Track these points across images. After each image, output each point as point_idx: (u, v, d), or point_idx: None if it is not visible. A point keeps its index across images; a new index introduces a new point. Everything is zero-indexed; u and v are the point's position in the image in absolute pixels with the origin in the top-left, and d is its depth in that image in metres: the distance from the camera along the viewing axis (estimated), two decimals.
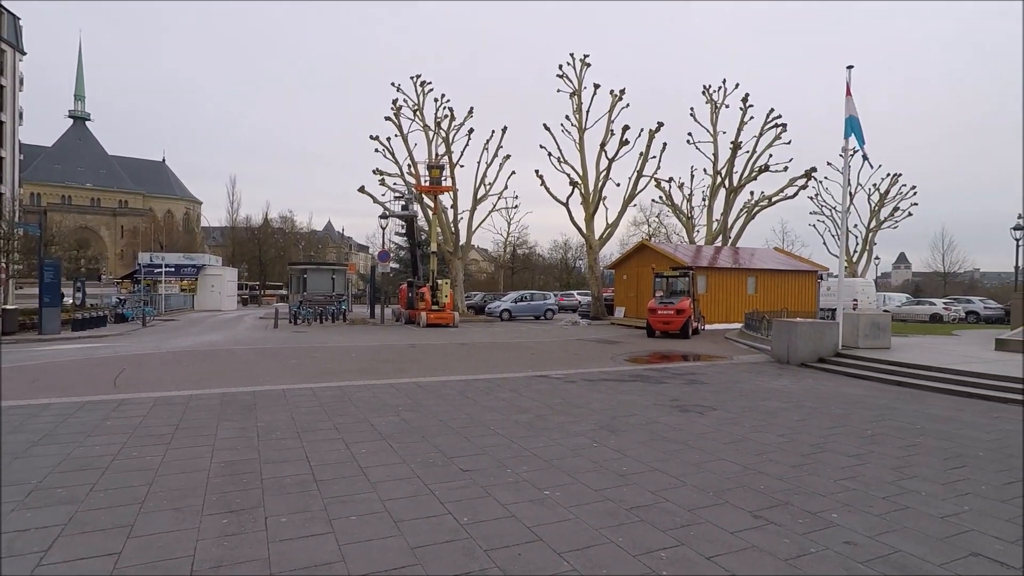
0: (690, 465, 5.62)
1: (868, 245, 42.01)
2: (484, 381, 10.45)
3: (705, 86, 35.79)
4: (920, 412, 8.28)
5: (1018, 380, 9.57)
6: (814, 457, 5.98)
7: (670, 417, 7.69)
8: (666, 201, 38.71)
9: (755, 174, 33.84)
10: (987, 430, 7.24)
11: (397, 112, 32.87)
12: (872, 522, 4.33)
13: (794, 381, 10.98)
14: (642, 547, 3.81)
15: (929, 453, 6.20)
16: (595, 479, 5.15)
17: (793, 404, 8.75)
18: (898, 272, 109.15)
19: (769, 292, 28.22)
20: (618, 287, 32.12)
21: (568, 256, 66.63)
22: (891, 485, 5.17)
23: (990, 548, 3.93)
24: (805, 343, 13.21)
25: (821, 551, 3.82)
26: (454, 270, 33.93)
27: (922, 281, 71.49)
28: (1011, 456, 6.12)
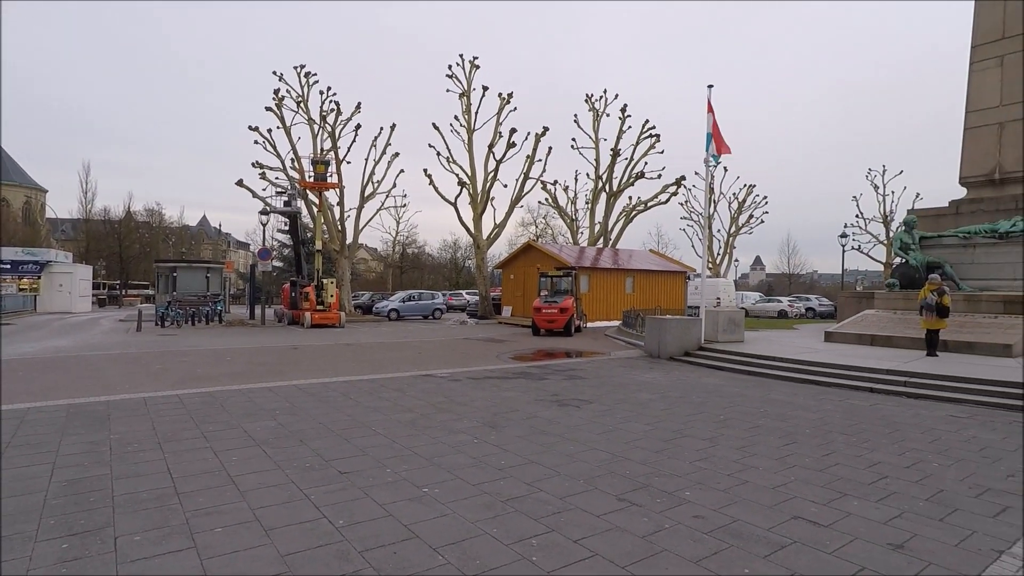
0: (565, 456, 5.94)
1: (729, 248, 46.27)
2: (368, 382, 10.27)
3: (588, 95, 37.55)
4: (764, 398, 9.34)
5: (839, 367, 11.09)
6: (674, 443, 6.56)
7: (549, 411, 8.05)
8: (552, 203, 40.07)
9: (633, 180, 36.01)
10: (814, 411, 8.34)
11: (279, 103, 31.11)
12: (718, 497, 4.86)
13: (663, 374, 11.90)
14: (515, 536, 4.00)
15: (768, 433, 7.02)
16: (474, 474, 5.30)
17: (660, 395, 9.49)
18: (754, 273, 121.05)
19: (645, 291, 30.19)
20: (505, 286, 32.78)
21: (457, 256, 66.84)
22: (735, 463, 5.81)
23: (808, 511, 4.57)
24: (673, 338, 14.34)
25: (674, 526, 4.23)
26: (341, 269, 32.80)
27: (773, 281, 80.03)
28: (829, 432, 7.10)
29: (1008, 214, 15.72)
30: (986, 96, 16.44)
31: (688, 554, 3.77)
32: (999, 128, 16.22)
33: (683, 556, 3.74)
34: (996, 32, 16.33)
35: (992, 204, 16.21)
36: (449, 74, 32.27)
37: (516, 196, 33.12)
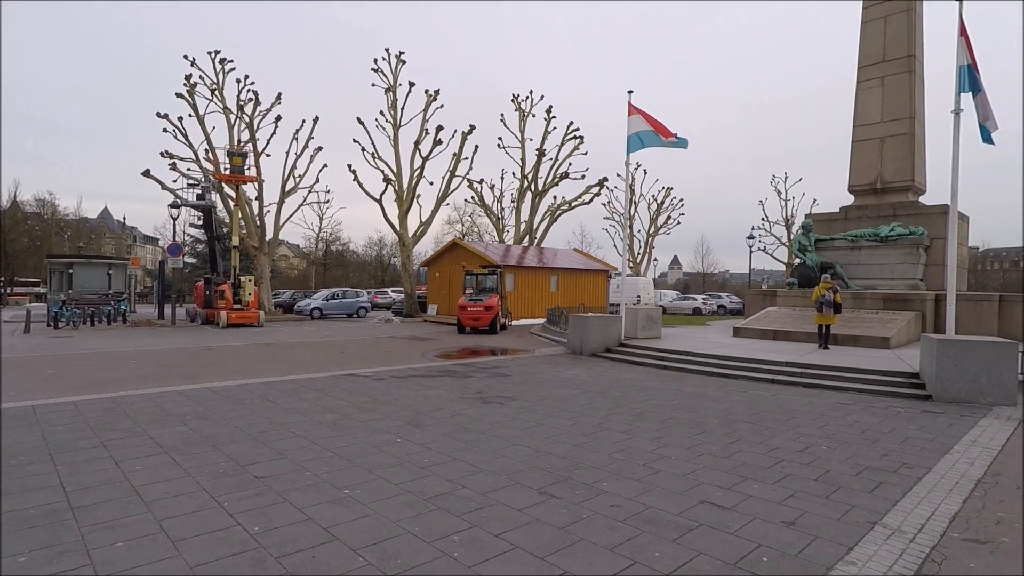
0: (488, 453, 6.03)
1: (649, 248, 48.21)
2: (288, 383, 9.94)
3: (514, 95, 37.90)
4: (678, 390, 9.86)
5: (745, 360, 11.88)
6: (594, 436, 6.81)
7: (473, 409, 8.12)
8: (478, 202, 40.18)
9: (557, 180, 36.73)
10: (722, 402, 8.91)
11: (191, 89, 29.23)
12: (632, 486, 5.11)
13: (585, 370, 12.27)
14: (437, 533, 4.04)
15: (680, 424, 7.43)
16: (396, 473, 5.29)
17: (582, 391, 9.80)
18: (672, 272, 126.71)
19: (569, 289, 30.89)
20: (431, 285, 32.54)
21: (383, 253, 65.62)
22: (650, 453, 6.12)
23: (714, 495, 4.90)
24: (595, 335, 14.81)
25: (591, 516, 4.42)
26: (260, 266, 31.31)
27: (689, 280, 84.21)
28: (735, 421, 7.61)
29: (887, 220, 17.46)
30: (870, 113, 18.13)
31: (604, 542, 3.96)
32: (880, 142, 17.94)
33: (599, 544, 3.92)
34: (878, 56, 18.04)
35: (874, 211, 17.92)
36: (375, 68, 31.60)
37: (442, 194, 32.95)
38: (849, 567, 3.68)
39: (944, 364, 8.98)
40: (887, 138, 17.74)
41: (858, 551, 3.91)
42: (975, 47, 9.95)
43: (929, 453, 6.29)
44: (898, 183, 17.69)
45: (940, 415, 8.18)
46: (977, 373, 8.81)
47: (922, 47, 18.29)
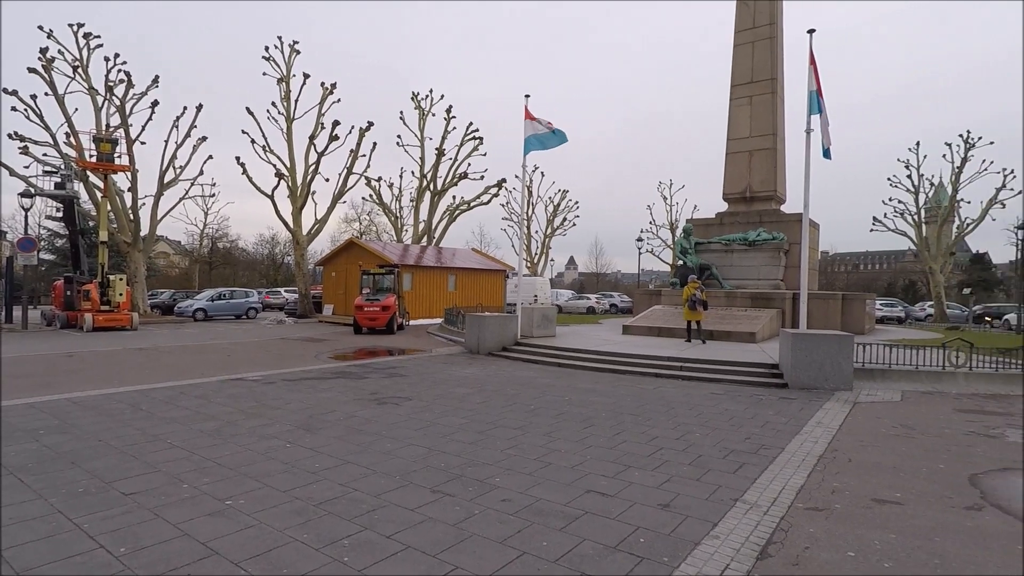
0: (382, 454, 5.99)
1: (546, 249, 49.57)
2: (165, 390, 9.21)
3: (414, 93, 37.43)
4: (570, 386, 10.29)
5: (632, 356, 12.64)
6: (488, 433, 6.96)
7: (368, 410, 8.00)
8: (376, 200, 39.28)
9: (456, 180, 36.78)
10: (610, 396, 9.43)
11: (48, 64, 25.91)
12: (524, 480, 5.30)
13: (481, 368, 12.44)
14: (327, 539, 3.97)
15: (571, 419, 7.78)
16: (285, 480, 5.11)
17: (478, 389, 9.94)
18: (568, 272, 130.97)
19: (467, 289, 31.05)
20: (327, 284, 31.38)
21: (276, 251, 62.20)
22: (541, 448, 6.37)
23: (599, 484, 5.21)
24: (492, 334, 15.05)
25: (483, 511, 4.54)
26: (133, 263, 28.48)
27: (584, 280, 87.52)
28: (621, 414, 8.10)
29: (755, 226, 19.34)
30: (741, 127, 19.95)
31: (495, 535, 4.09)
32: (749, 155, 19.81)
33: (490, 538, 4.05)
34: (747, 76, 19.91)
35: (744, 217, 19.75)
36: (266, 56, 29.88)
37: (339, 191, 31.87)
38: (714, 541, 4.08)
39: (797, 355, 10.13)
40: (755, 152, 19.62)
41: (722, 526, 4.35)
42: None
43: (783, 435, 7.07)
44: (763, 193, 19.62)
45: (794, 400, 9.21)
46: (823, 362, 10.02)
47: (783, 72, 20.40)
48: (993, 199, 35.90)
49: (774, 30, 19.62)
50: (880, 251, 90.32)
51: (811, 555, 3.90)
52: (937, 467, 5.92)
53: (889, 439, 7.00)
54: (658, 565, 3.69)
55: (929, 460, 6.16)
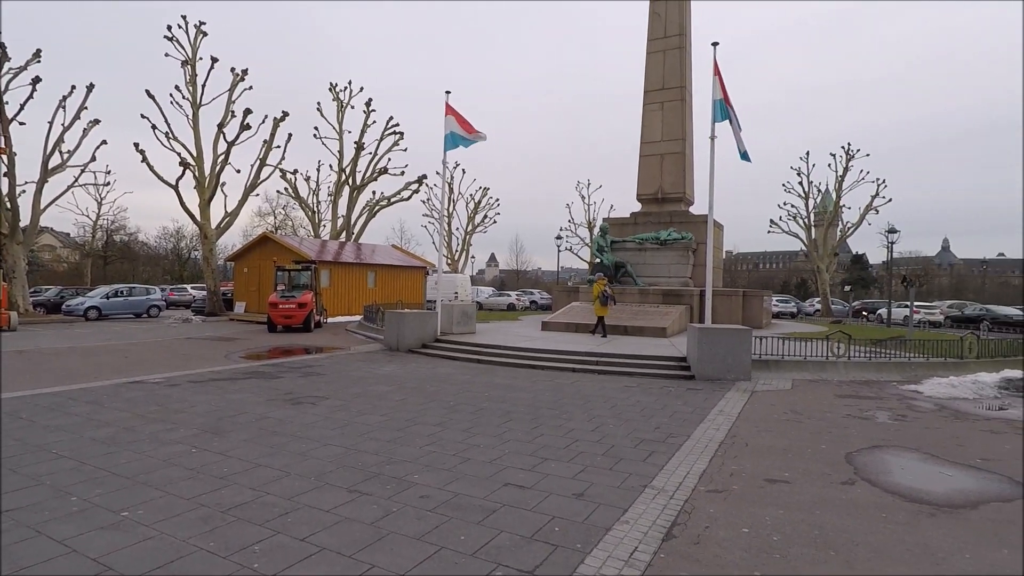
0: (296, 455, 5.82)
1: (467, 246, 49.53)
2: (51, 395, 8.44)
3: (332, 84, 36.22)
4: (490, 382, 10.41)
5: (551, 352, 12.95)
6: (407, 430, 6.93)
7: (282, 411, 7.72)
8: (292, 193, 37.70)
9: (376, 175, 35.99)
10: (529, 391, 9.63)
11: None
12: (443, 476, 5.34)
13: (400, 366, 12.31)
14: (236, 546, 3.83)
15: (490, 414, 7.89)
16: (190, 487, 4.86)
17: (397, 386, 9.84)
18: (490, 269, 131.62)
19: (387, 286, 30.50)
20: (238, 281, 29.77)
21: (181, 246, 58.18)
22: (460, 443, 6.42)
23: (517, 477, 5.33)
24: (412, 331, 14.91)
25: (401, 508, 4.54)
26: (11, 257, 25.61)
27: (505, 277, 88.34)
28: (539, 408, 8.30)
29: (666, 226, 20.36)
30: (653, 132, 20.91)
31: (412, 532, 4.10)
32: (661, 158, 20.82)
33: (408, 535, 4.06)
34: (659, 84, 20.89)
35: (657, 217, 20.74)
36: (169, 36, 27.78)
37: (251, 183, 30.23)
38: (624, 526, 4.31)
39: (703, 349, 10.79)
40: (666, 155, 20.63)
41: (632, 511, 4.59)
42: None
43: (689, 423, 7.53)
44: (674, 194, 20.67)
45: (700, 391, 9.81)
46: (725, 355, 10.74)
47: (691, 79, 21.55)
48: (869, 205, 39.98)
49: (683, 41, 20.68)
50: (777, 251, 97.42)
51: (710, 534, 4.21)
52: (820, 448, 6.54)
53: (781, 424, 7.64)
54: (571, 552, 3.85)
55: (813, 442, 6.78)
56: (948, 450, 6.57)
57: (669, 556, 3.85)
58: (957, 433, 7.41)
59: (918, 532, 4.32)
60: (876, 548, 4.03)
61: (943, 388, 10.03)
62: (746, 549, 3.97)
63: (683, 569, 3.67)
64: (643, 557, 3.82)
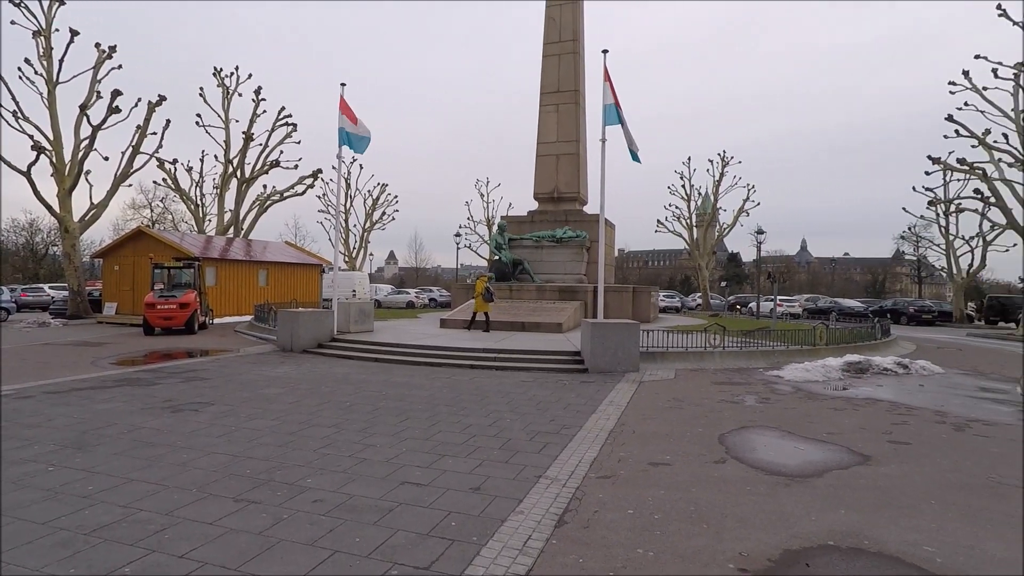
0: (175, 467, 5.44)
1: (364, 243, 48.20)
2: None
3: (217, 68, 33.72)
4: (386, 381, 10.28)
5: (449, 349, 13.01)
6: (300, 433, 6.70)
7: (159, 420, 7.16)
8: (171, 185, 34.73)
9: (267, 168, 34.05)
10: (427, 389, 9.62)
11: None
12: (338, 478, 5.23)
13: (294, 367, 11.81)
14: (101, 570, 3.53)
15: (387, 413, 7.80)
16: (45, 510, 4.40)
17: (290, 388, 9.45)
18: (389, 267, 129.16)
19: (280, 284, 29.02)
20: (108, 279, 26.92)
21: (37, 241, 51.61)
22: (356, 444, 6.31)
23: (414, 475, 5.34)
24: (306, 331, 14.35)
25: (293, 515, 4.40)
26: None
27: (404, 275, 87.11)
28: (437, 405, 8.33)
29: (562, 224, 21.10)
30: (549, 132, 21.58)
31: (304, 538, 4.00)
32: (556, 159, 21.53)
33: (300, 541, 3.94)
34: (554, 86, 21.59)
35: (553, 216, 21.43)
36: (15, 1, 24.46)
37: (122, 172, 27.36)
38: (519, 516, 4.46)
39: (595, 343, 11.34)
40: (561, 156, 21.35)
41: (526, 501, 4.76)
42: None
43: (582, 415, 7.89)
44: (569, 194, 21.45)
45: (592, 383, 10.30)
46: (615, 348, 11.36)
47: (585, 84, 22.43)
48: (741, 208, 43.85)
49: (577, 46, 21.47)
50: (664, 250, 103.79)
51: (599, 517, 4.48)
52: (697, 431, 7.12)
53: (664, 411, 8.22)
54: (467, 545, 3.94)
55: (692, 426, 7.37)
56: (801, 427, 7.41)
57: (561, 541, 4.04)
58: (809, 412, 8.36)
59: (775, 500, 4.85)
60: (741, 518, 4.48)
61: (799, 372, 11.26)
62: (631, 529, 4.26)
63: (574, 552, 3.88)
64: (536, 544, 3.98)
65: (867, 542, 4.09)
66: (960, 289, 39.47)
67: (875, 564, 3.78)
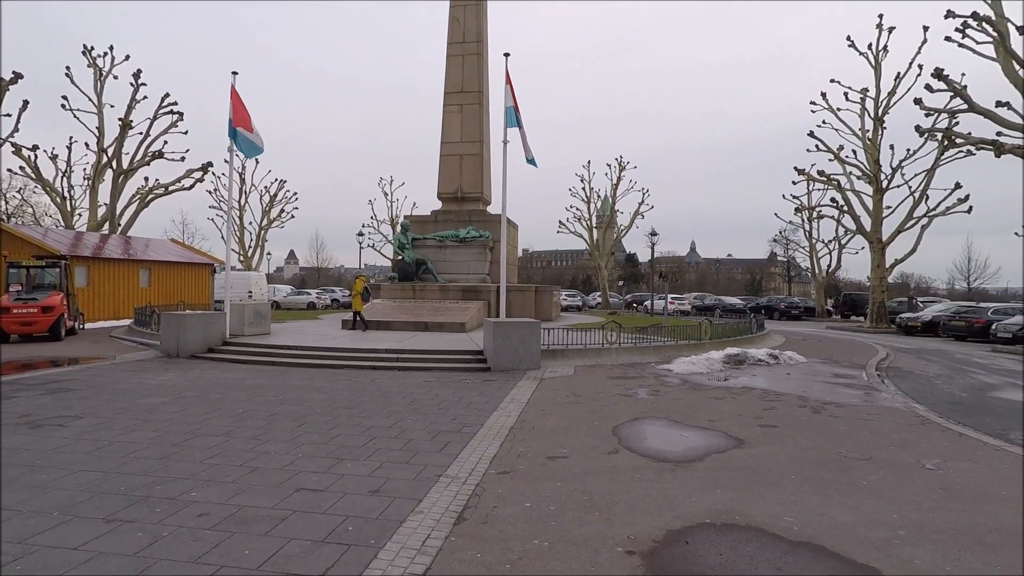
0: (33, 489, 4.92)
1: (261, 241, 45.68)
2: None
3: (87, 47, 30.52)
4: (284, 385, 9.86)
5: (350, 350, 12.69)
6: (185, 445, 6.28)
7: (14, 439, 6.42)
8: (31, 174, 31.02)
9: (148, 159, 31.32)
10: (326, 391, 9.34)
11: None
12: (227, 489, 4.97)
13: (180, 374, 11.01)
14: None
15: (283, 418, 7.50)
16: None
17: (175, 397, 8.81)
18: (289, 267, 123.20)
19: (165, 285, 26.87)
20: None
21: None
22: (249, 452, 6.02)
23: (310, 481, 5.19)
24: (195, 335, 13.41)
25: (174, 531, 4.12)
26: None
27: (306, 275, 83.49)
28: (336, 408, 8.12)
29: (465, 224, 21.20)
30: (452, 133, 21.60)
31: (188, 555, 3.77)
32: (460, 159, 21.61)
33: (181, 559, 3.71)
34: (458, 87, 21.64)
35: (456, 216, 21.49)
36: None
37: None
38: (419, 516, 4.47)
39: (497, 341, 11.53)
40: (465, 156, 21.45)
41: (426, 501, 4.78)
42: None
43: (484, 413, 8.01)
44: (472, 194, 21.60)
45: (494, 382, 10.47)
46: (517, 346, 11.61)
47: (489, 85, 22.66)
48: (637, 211, 46.24)
49: (481, 47, 21.64)
50: (567, 250, 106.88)
51: (497, 512, 4.59)
52: (593, 424, 7.47)
53: (563, 407, 8.53)
54: (365, 549, 3.90)
55: (589, 420, 7.71)
56: (687, 416, 7.99)
57: (459, 538, 4.11)
58: (694, 402, 9.03)
59: (661, 486, 5.22)
60: (630, 504, 4.78)
61: (686, 365, 12.10)
62: (527, 521, 4.41)
63: (472, 548, 3.96)
64: (435, 543, 4.02)
65: (738, 517, 4.51)
66: (821, 287, 44.59)
67: (744, 536, 4.18)
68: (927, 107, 19.64)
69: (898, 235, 30.19)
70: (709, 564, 3.76)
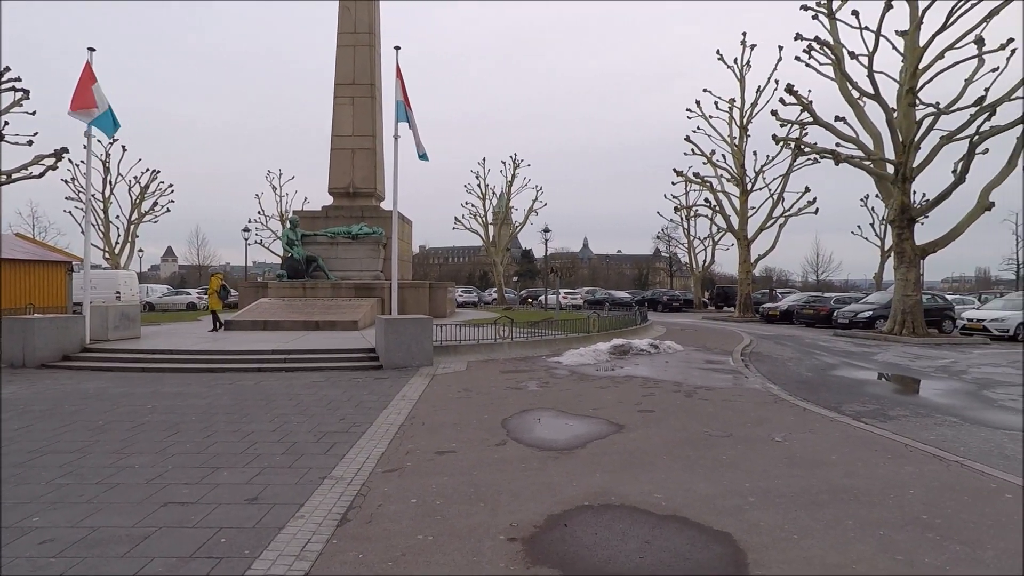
0: None
1: (132, 237, 41.49)
2: None
3: None
4: (154, 392, 9.09)
5: (233, 352, 11.95)
6: (28, 465, 5.62)
7: None
8: None
9: None
10: (204, 397, 8.74)
11: None
12: (79, 511, 4.52)
13: (26, 386, 9.79)
14: None
15: (153, 428, 6.93)
16: None
17: (17, 412, 7.83)
18: (167, 265, 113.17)
19: (11, 286, 23.61)
20: None
21: None
22: (108, 468, 5.51)
23: (180, 494, 4.85)
24: (46, 341, 11.97)
25: (10, 563, 3.70)
26: None
27: (186, 273, 77.11)
28: (215, 415, 7.62)
29: (358, 220, 20.65)
30: (344, 126, 20.90)
31: None
32: (352, 153, 20.97)
33: None
34: (349, 78, 20.97)
35: (348, 211, 20.86)
36: None
37: None
38: (299, 521, 4.34)
39: (389, 339, 11.37)
40: (357, 150, 20.84)
41: (308, 505, 4.64)
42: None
43: (374, 411, 7.89)
44: (365, 189, 21.05)
45: (386, 379, 10.32)
46: (410, 343, 11.53)
47: (382, 79, 22.16)
48: (531, 208, 47.52)
49: (373, 39, 21.08)
50: (464, 246, 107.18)
51: (383, 510, 4.56)
52: (483, 418, 7.60)
53: (454, 401, 8.60)
54: (238, 560, 3.72)
55: (479, 413, 7.84)
56: (573, 406, 8.35)
57: (341, 540, 4.04)
58: (580, 392, 9.46)
59: (544, 473, 5.44)
60: (515, 493, 4.94)
61: (575, 357, 12.63)
62: (413, 517, 4.43)
63: (354, 549, 3.90)
64: (316, 547, 3.92)
65: (614, 498, 4.82)
66: (698, 280, 48.48)
67: (618, 515, 4.48)
68: (781, 118, 21.86)
69: (761, 233, 33.42)
70: (585, 544, 4.00)
